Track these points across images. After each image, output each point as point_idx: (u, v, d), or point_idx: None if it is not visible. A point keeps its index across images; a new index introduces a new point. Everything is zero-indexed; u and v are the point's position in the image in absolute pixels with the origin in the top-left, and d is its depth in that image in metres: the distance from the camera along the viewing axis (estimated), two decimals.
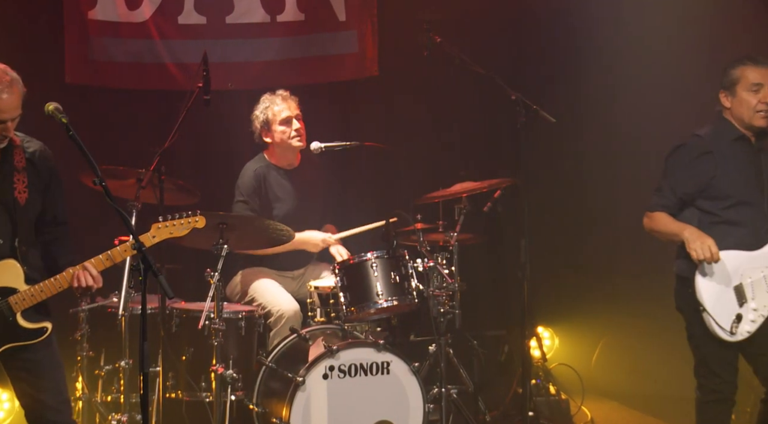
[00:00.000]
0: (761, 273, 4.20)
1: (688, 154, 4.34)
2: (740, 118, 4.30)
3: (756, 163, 4.31)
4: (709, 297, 4.20)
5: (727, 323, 4.17)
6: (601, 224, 6.41)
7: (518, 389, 5.53)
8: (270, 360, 4.90)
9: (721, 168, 4.28)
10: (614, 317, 6.49)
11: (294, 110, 5.49)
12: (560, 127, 5.09)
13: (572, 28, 6.41)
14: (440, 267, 5.18)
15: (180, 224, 4.18)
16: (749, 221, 4.25)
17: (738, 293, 4.19)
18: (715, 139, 4.33)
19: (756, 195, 4.27)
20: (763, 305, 4.19)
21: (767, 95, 4.23)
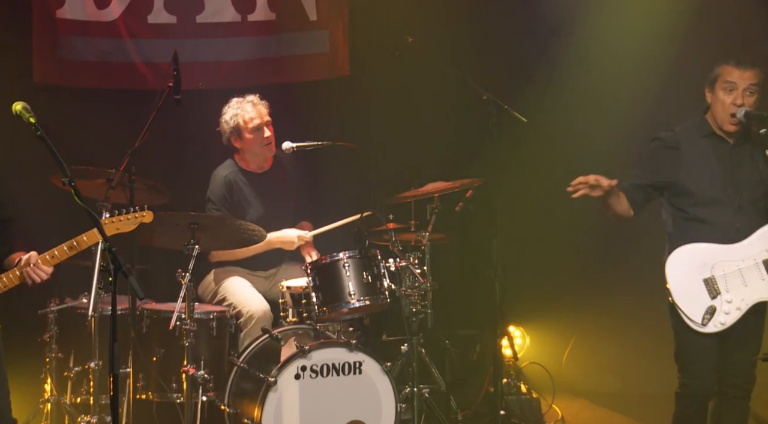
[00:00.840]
0: (736, 266, 4.22)
1: (656, 147, 4.41)
2: (714, 116, 4.33)
3: (729, 160, 4.32)
4: (677, 288, 4.23)
5: (697, 315, 4.19)
6: (572, 223, 6.44)
7: (490, 388, 5.56)
8: (241, 361, 4.88)
9: (687, 165, 4.31)
10: (584, 316, 6.54)
11: (264, 117, 5.46)
12: (531, 126, 5.12)
13: (543, 27, 6.45)
14: (412, 267, 5.19)
15: (127, 219, 4.21)
16: (717, 219, 4.27)
17: (709, 285, 4.22)
18: (687, 136, 4.37)
19: (726, 193, 4.28)
20: (740, 299, 4.20)
21: (738, 97, 4.25)
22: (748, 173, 4.30)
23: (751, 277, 4.21)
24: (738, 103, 4.25)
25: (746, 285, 4.20)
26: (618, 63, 6.28)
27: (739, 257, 4.23)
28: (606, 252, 6.55)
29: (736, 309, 4.20)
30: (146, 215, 4.28)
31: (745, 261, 4.22)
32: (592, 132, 6.39)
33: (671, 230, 4.39)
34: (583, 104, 6.41)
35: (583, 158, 6.46)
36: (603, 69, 6.33)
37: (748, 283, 4.21)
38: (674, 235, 4.36)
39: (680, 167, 4.32)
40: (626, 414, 5.94)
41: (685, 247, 4.26)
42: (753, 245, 4.24)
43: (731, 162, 4.32)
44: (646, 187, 4.40)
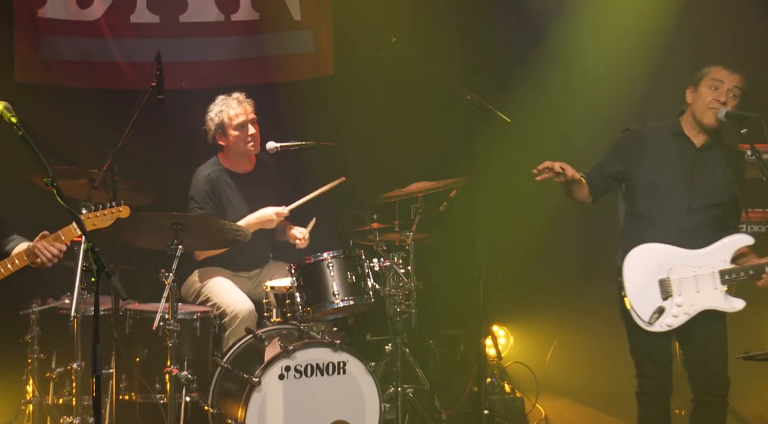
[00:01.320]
0: (693, 272, 4.27)
1: (623, 138, 4.49)
2: (695, 112, 4.36)
3: (691, 162, 4.36)
4: (631, 284, 4.28)
5: (646, 313, 4.25)
6: (556, 223, 6.47)
7: (474, 388, 5.57)
8: (225, 361, 4.87)
9: (648, 159, 4.36)
10: (568, 315, 6.56)
11: (249, 114, 5.45)
12: (515, 126, 5.14)
13: (527, 28, 6.48)
14: (396, 267, 5.20)
15: (103, 214, 4.19)
16: (668, 217, 4.32)
17: (663, 286, 4.27)
18: (656, 132, 4.43)
19: (683, 193, 4.33)
20: (689, 304, 4.26)
21: (723, 94, 4.30)
22: (706, 178, 4.34)
23: (705, 285, 4.26)
24: (722, 101, 4.29)
25: (698, 292, 4.26)
26: (601, 64, 6.32)
27: (697, 264, 4.28)
28: (589, 252, 6.58)
29: (684, 313, 4.26)
30: (122, 210, 4.28)
31: (702, 268, 4.27)
32: (575, 132, 6.41)
33: (623, 226, 4.48)
34: (567, 104, 6.44)
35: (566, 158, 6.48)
36: (587, 70, 6.37)
37: (701, 290, 4.26)
38: (625, 231, 4.44)
39: (642, 160, 4.38)
40: (610, 413, 5.97)
41: (645, 246, 4.31)
42: (712, 254, 4.29)
43: (692, 164, 4.36)
44: (607, 177, 4.49)
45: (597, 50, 6.33)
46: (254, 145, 5.46)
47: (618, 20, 6.28)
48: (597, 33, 6.32)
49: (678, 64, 4.49)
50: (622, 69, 6.27)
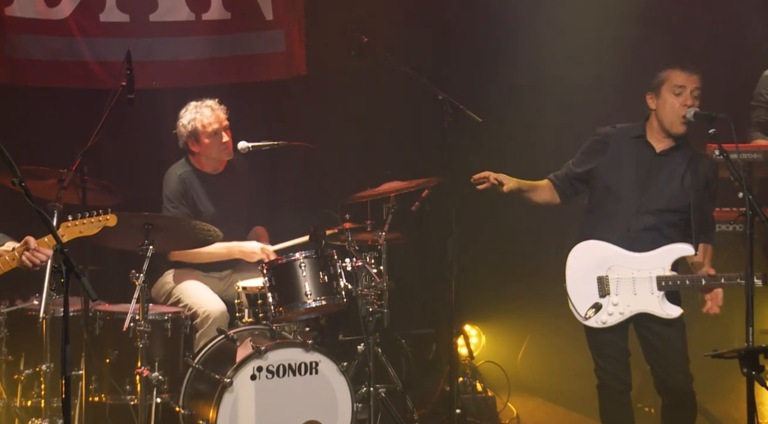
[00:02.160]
0: (631, 274, 4.33)
1: (591, 140, 4.57)
2: (662, 119, 4.41)
3: (648, 166, 4.42)
4: (572, 278, 4.38)
5: (582, 307, 4.34)
6: (527, 223, 6.50)
7: (446, 387, 5.58)
8: (197, 362, 4.84)
9: (608, 159, 4.44)
10: (539, 314, 6.59)
11: (223, 122, 5.43)
12: (487, 126, 5.16)
13: (498, 28, 6.51)
14: (369, 266, 5.20)
15: (90, 222, 4.16)
16: (617, 216, 4.39)
17: (600, 283, 4.34)
18: (620, 134, 4.50)
19: (632, 195, 4.39)
20: (626, 305, 4.33)
21: (688, 98, 4.35)
22: (662, 183, 4.40)
23: (642, 288, 4.32)
24: (688, 105, 4.35)
25: (635, 294, 4.33)
26: (570, 64, 6.37)
27: (636, 267, 4.34)
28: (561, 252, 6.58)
29: (620, 313, 4.34)
30: (110, 219, 4.25)
31: (640, 271, 4.33)
32: (546, 132, 6.46)
33: (582, 221, 4.56)
34: (538, 105, 6.48)
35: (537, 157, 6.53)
36: (556, 70, 6.41)
37: (638, 293, 4.33)
38: (583, 226, 4.52)
39: (602, 161, 4.46)
40: (580, 412, 6.00)
41: (590, 242, 4.40)
42: (653, 259, 4.35)
43: (648, 169, 4.42)
44: (572, 179, 4.58)
45: (566, 51, 6.38)
46: (228, 152, 5.45)
47: (586, 21, 6.33)
48: (566, 33, 6.37)
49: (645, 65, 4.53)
50: (591, 69, 6.33)
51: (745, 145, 5.15)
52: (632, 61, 6.05)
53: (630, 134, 4.47)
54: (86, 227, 4.15)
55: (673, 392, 4.39)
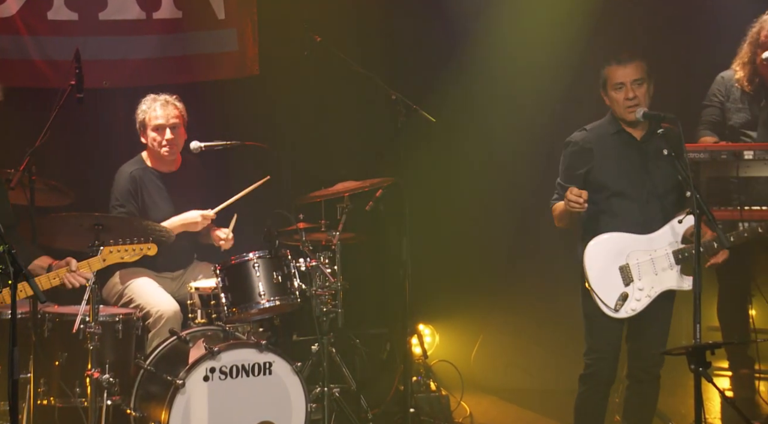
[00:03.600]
0: (649, 256, 4.41)
1: (571, 152, 4.57)
2: (615, 114, 4.50)
3: (638, 155, 4.49)
4: (594, 274, 4.40)
5: (611, 301, 4.38)
6: (480, 222, 6.56)
7: (400, 387, 5.60)
8: (148, 363, 4.80)
9: (598, 161, 4.48)
10: (493, 313, 6.65)
11: (170, 119, 5.37)
12: (440, 126, 5.19)
13: (451, 28, 6.55)
14: (323, 266, 5.19)
15: (132, 249, 4.47)
16: (626, 212, 4.46)
17: (623, 272, 4.40)
18: (597, 133, 4.54)
19: (635, 188, 4.47)
20: (650, 287, 4.40)
21: (629, 91, 4.42)
22: (655, 168, 4.48)
23: (662, 266, 4.41)
24: (630, 97, 4.40)
25: (656, 274, 4.41)
26: (523, 63, 6.43)
27: (652, 247, 4.42)
28: (513, 251, 6.69)
29: (647, 296, 4.40)
30: (151, 248, 4.52)
31: (657, 251, 4.42)
32: (499, 131, 6.52)
33: (584, 221, 4.55)
34: (491, 104, 6.53)
35: (491, 157, 6.60)
36: (509, 69, 6.47)
37: (659, 272, 4.41)
38: (587, 226, 4.53)
39: (594, 164, 4.49)
40: (533, 409, 6.06)
41: (604, 236, 4.44)
42: (664, 236, 4.44)
43: (639, 157, 4.49)
44: None
45: (519, 49, 6.44)
46: (169, 151, 5.39)
47: (539, 20, 6.40)
48: (518, 32, 6.43)
49: (598, 63, 4.58)
50: (544, 68, 6.39)
51: (693, 145, 5.23)
52: (586, 60, 6.11)
53: (608, 131, 4.52)
54: (128, 254, 4.47)
55: (649, 371, 4.48)
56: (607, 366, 4.48)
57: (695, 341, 3.99)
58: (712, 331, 5.69)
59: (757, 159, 5.11)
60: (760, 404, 5.52)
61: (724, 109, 5.52)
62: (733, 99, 5.49)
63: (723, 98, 5.52)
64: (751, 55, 5.38)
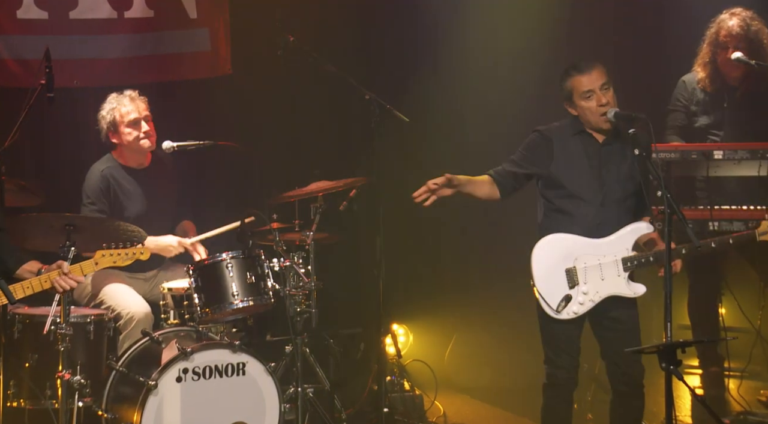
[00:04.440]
0: (597, 261, 4.40)
1: (533, 139, 4.57)
2: (588, 123, 4.49)
3: (597, 158, 4.49)
4: (539, 274, 4.39)
5: (554, 302, 4.37)
6: (454, 222, 6.58)
7: (374, 386, 5.60)
8: (120, 364, 4.77)
9: (557, 159, 4.48)
10: (466, 313, 6.67)
11: (143, 112, 5.36)
12: (414, 126, 5.20)
13: (424, 27, 6.57)
14: (297, 266, 5.19)
15: (125, 253, 4.46)
16: (580, 213, 4.45)
17: (569, 275, 4.39)
18: (560, 132, 4.55)
19: (592, 189, 4.46)
20: (594, 291, 4.39)
21: (600, 97, 4.42)
22: (615, 171, 4.49)
23: (609, 272, 4.40)
24: (603, 103, 4.41)
25: (603, 279, 4.40)
26: (496, 63, 6.47)
27: (602, 252, 4.42)
28: (487, 250, 6.71)
29: (590, 301, 4.39)
30: (144, 252, 4.53)
31: (606, 256, 4.41)
32: (473, 130, 6.55)
33: (541, 220, 4.58)
34: (465, 103, 6.56)
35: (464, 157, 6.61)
36: (482, 69, 6.51)
37: (605, 277, 4.40)
38: (543, 225, 4.55)
39: (552, 160, 4.49)
40: (506, 408, 6.09)
41: (553, 236, 4.44)
42: (615, 243, 4.43)
43: (599, 160, 4.49)
44: (518, 175, 4.56)
45: (492, 50, 6.48)
46: (148, 142, 5.37)
47: (511, 19, 6.44)
48: (491, 33, 6.47)
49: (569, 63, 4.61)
50: (517, 68, 6.43)
51: (664, 145, 5.29)
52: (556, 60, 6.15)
53: (570, 131, 4.52)
54: (120, 258, 4.47)
55: (629, 382, 4.45)
56: (568, 374, 4.45)
57: (666, 340, 4.02)
58: (682, 329, 5.76)
59: (726, 159, 5.19)
60: (729, 402, 5.58)
61: (689, 113, 5.59)
62: (696, 101, 5.57)
63: (687, 102, 5.60)
64: (711, 56, 5.47)
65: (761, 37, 5.38)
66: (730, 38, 5.36)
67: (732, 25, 5.38)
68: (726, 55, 5.38)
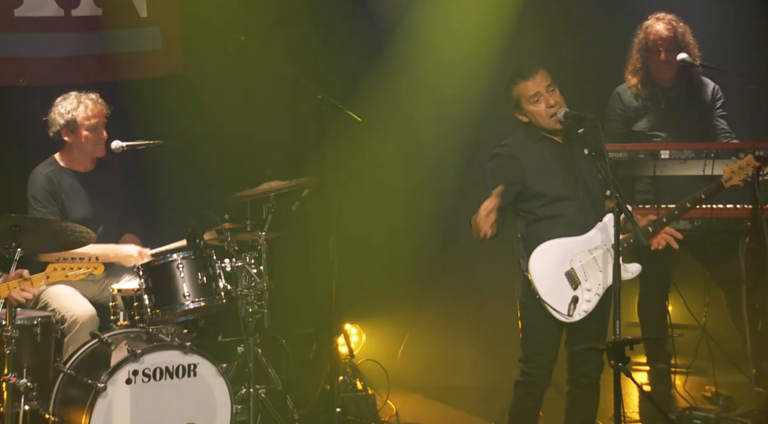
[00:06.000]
0: (590, 255, 4.44)
1: (497, 163, 4.53)
2: (540, 127, 4.51)
3: (565, 159, 4.53)
4: (543, 286, 4.38)
5: (564, 307, 4.38)
6: (407, 221, 6.60)
7: (326, 386, 5.60)
8: (68, 367, 4.70)
9: (529, 171, 4.47)
10: (419, 312, 6.70)
11: (103, 117, 5.31)
12: (366, 125, 5.21)
13: (376, 27, 6.59)
14: (249, 266, 5.17)
15: (78, 268, 4.45)
16: (569, 213, 4.47)
17: (570, 277, 4.42)
18: (522, 145, 4.53)
19: (571, 188, 4.49)
20: (597, 284, 4.42)
21: (548, 99, 4.45)
22: (582, 168, 4.53)
23: (604, 262, 4.44)
24: (551, 105, 4.45)
25: (601, 270, 4.44)
26: (447, 63, 6.51)
27: (591, 246, 4.45)
28: (440, 250, 6.74)
29: (595, 295, 4.42)
30: (98, 268, 4.50)
31: (597, 249, 4.45)
32: (425, 130, 6.58)
33: (524, 232, 4.52)
34: (417, 103, 6.59)
35: (417, 156, 6.66)
36: (433, 69, 6.55)
37: (603, 268, 4.44)
38: (528, 235, 4.50)
39: (525, 174, 4.48)
40: (458, 407, 6.13)
41: (544, 245, 4.42)
42: (601, 233, 4.47)
43: (565, 160, 4.53)
44: (504, 208, 4.44)
45: (442, 50, 6.52)
46: (101, 150, 5.32)
47: (462, 17, 6.49)
48: (442, 33, 6.51)
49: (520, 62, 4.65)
50: (467, 68, 6.48)
51: (612, 145, 5.37)
52: (507, 59, 6.21)
53: (530, 140, 4.52)
54: (73, 272, 4.44)
55: (588, 373, 4.51)
56: (546, 374, 4.48)
57: (615, 337, 4.08)
58: (630, 326, 5.84)
59: (672, 158, 5.30)
60: (676, 398, 5.68)
61: (627, 121, 5.71)
62: (633, 108, 5.70)
63: (622, 111, 5.73)
64: (642, 61, 5.63)
65: (687, 37, 5.57)
66: (661, 41, 5.54)
67: (660, 28, 5.56)
68: (658, 58, 5.56)
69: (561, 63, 4.58)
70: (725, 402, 5.56)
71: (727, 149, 5.30)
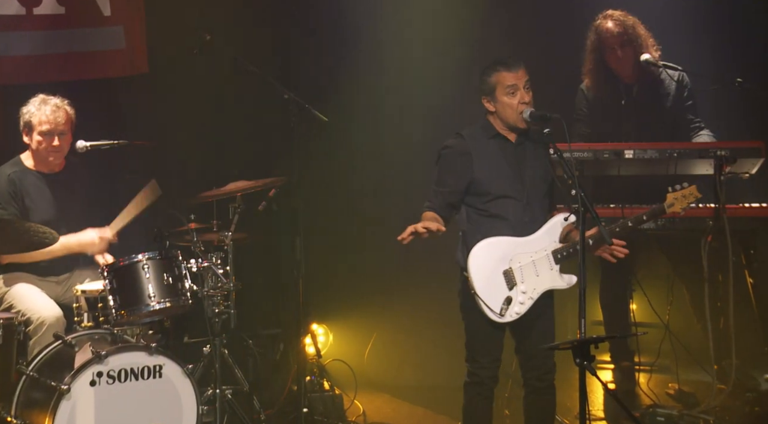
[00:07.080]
0: (530, 258, 4.48)
1: (449, 155, 4.57)
2: (505, 120, 4.54)
3: (515, 159, 4.56)
4: (479, 282, 4.42)
5: (496, 306, 4.42)
6: (374, 221, 6.60)
7: (293, 387, 5.59)
8: (31, 369, 4.65)
9: (479, 166, 4.52)
10: (386, 312, 6.71)
11: (59, 126, 5.21)
12: (332, 126, 5.21)
13: (344, 27, 6.59)
14: (215, 267, 5.14)
15: None
16: (510, 213, 4.51)
17: (507, 277, 4.45)
18: (474, 139, 4.57)
19: (516, 189, 4.53)
20: (532, 288, 4.46)
21: (524, 95, 4.50)
22: (532, 170, 4.57)
23: (542, 267, 4.48)
24: (525, 101, 4.49)
25: (538, 275, 4.48)
26: (413, 63, 6.54)
27: (533, 249, 4.49)
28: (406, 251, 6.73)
29: (529, 298, 4.46)
30: None
31: (537, 253, 4.49)
32: (392, 129, 6.60)
33: (465, 227, 4.58)
34: (383, 102, 6.61)
35: (383, 156, 6.67)
36: (400, 69, 6.57)
37: (540, 273, 4.48)
38: (469, 231, 4.56)
39: (473, 169, 4.52)
40: (425, 406, 6.15)
41: (487, 241, 4.47)
42: (544, 237, 4.52)
43: (516, 160, 4.57)
44: (452, 203, 4.54)
45: (409, 50, 6.54)
46: (55, 158, 5.26)
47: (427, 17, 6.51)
48: (409, 33, 6.53)
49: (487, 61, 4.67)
50: (434, 67, 6.51)
51: (577, 145, 5.42)
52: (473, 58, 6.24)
53: (485, 136, 4.56)
54: None
55: (542, 377, 4.54)
56: (491, 373, 4.52)
57: (580, 336, 4.11)
58: (595, 325, 5.90)
59: (636, 158, 5.36)
60: (639, 395, 5.75)
61: (592, 118, 5.76)
62: (594, 107, 5.75)
63: (587, 110, 5.78)
64: (596, 63, 5.71)
65: (638, 30, 5.63)
66: (613, 38, 5.61)
67: (610, 26, 5.63)
68: (615, 55, 5.61)
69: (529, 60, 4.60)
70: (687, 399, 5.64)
71: (691, 149, 5.38)
